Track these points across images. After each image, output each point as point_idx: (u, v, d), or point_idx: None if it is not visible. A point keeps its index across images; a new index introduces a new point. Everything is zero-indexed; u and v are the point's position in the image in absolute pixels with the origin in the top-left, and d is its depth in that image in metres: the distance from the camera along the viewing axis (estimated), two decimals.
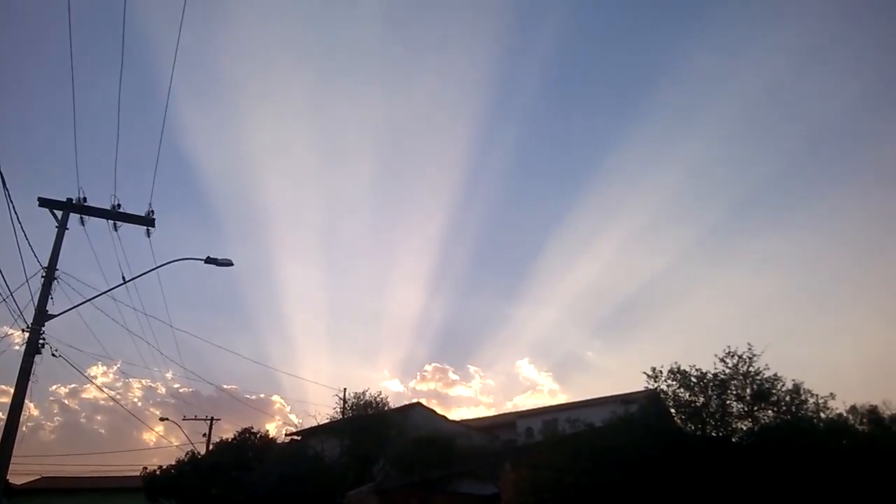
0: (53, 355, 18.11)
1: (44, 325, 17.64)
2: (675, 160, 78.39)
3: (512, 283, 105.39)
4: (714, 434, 16.23)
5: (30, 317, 17.59)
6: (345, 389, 34.19)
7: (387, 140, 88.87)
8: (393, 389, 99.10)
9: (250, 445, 36.69)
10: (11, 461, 17.17)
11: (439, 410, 38.86)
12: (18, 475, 45.05)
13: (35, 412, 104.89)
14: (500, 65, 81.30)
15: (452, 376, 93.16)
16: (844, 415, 17.05)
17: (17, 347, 17.75)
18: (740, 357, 16.25)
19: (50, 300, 17.88)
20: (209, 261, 19.62)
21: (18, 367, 17.16)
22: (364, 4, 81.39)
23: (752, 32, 74.61)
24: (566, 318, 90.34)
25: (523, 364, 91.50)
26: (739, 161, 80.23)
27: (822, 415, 15.91)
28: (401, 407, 34.44)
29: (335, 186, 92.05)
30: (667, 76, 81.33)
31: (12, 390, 17.23)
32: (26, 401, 17.28)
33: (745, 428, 16.20)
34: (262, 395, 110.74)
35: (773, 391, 15.93)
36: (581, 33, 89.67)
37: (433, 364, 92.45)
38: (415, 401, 38.08)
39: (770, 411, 16.04)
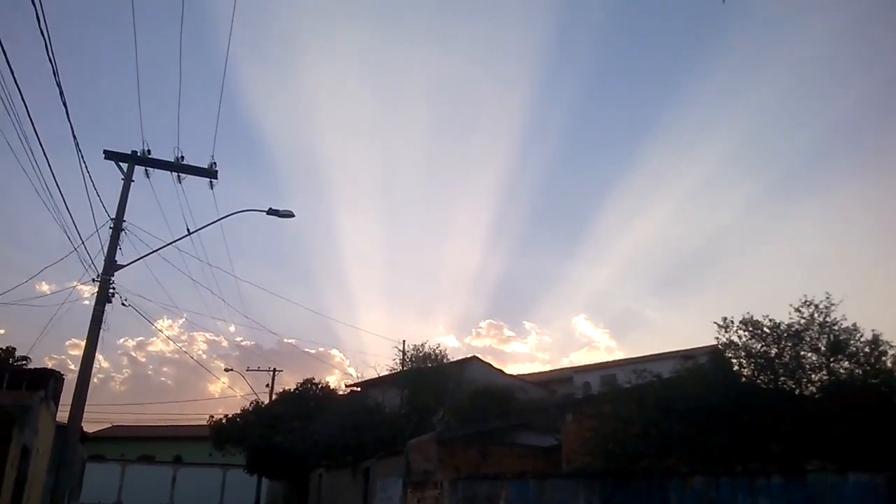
0: (123, 304, 18.59)
1: (113, 275, 18.07)
2: (737, 113, 75.86)
3: (569, 239, 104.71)
4: (786, 387, 15.72)
5: (100, 267, 18.05)
6: (404, 342, 34.54)
7: (443, 93, 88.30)
8: (448, 344, 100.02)
9: (312, 396, 37.49)
10: (85, 410, 17.78)
11: (495, 366, 39.01)
12: (91, 423, 47.09)
13: (105, 364, 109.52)
14: (559, 19, 79.50)
15: (508, 332, 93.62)
16: None
17: (85, 302, 18.26)
18: (816, 307, 15.57)
19: (119, 251, 18.28)
20: (271, 212, 19.72)
21: (89, 318, 17.67)
22: None
23: None
24: (624, 274, 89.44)
25: (580, 320, 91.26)
26: (806, 111, 77.18)
27: None
28: (458, 360, 34.59)
29: (392, 140, 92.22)
30: (729, 28, 78.33)
31: (83, 342, 17.79)
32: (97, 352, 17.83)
33: (820, 380, 15.62)
34: (321, 349, 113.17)
35: (851, 342, 15.26)
36: None
37: (488, 320, 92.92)
38: (471, 355, 38.26)
39: (846, 363, 15.41)
